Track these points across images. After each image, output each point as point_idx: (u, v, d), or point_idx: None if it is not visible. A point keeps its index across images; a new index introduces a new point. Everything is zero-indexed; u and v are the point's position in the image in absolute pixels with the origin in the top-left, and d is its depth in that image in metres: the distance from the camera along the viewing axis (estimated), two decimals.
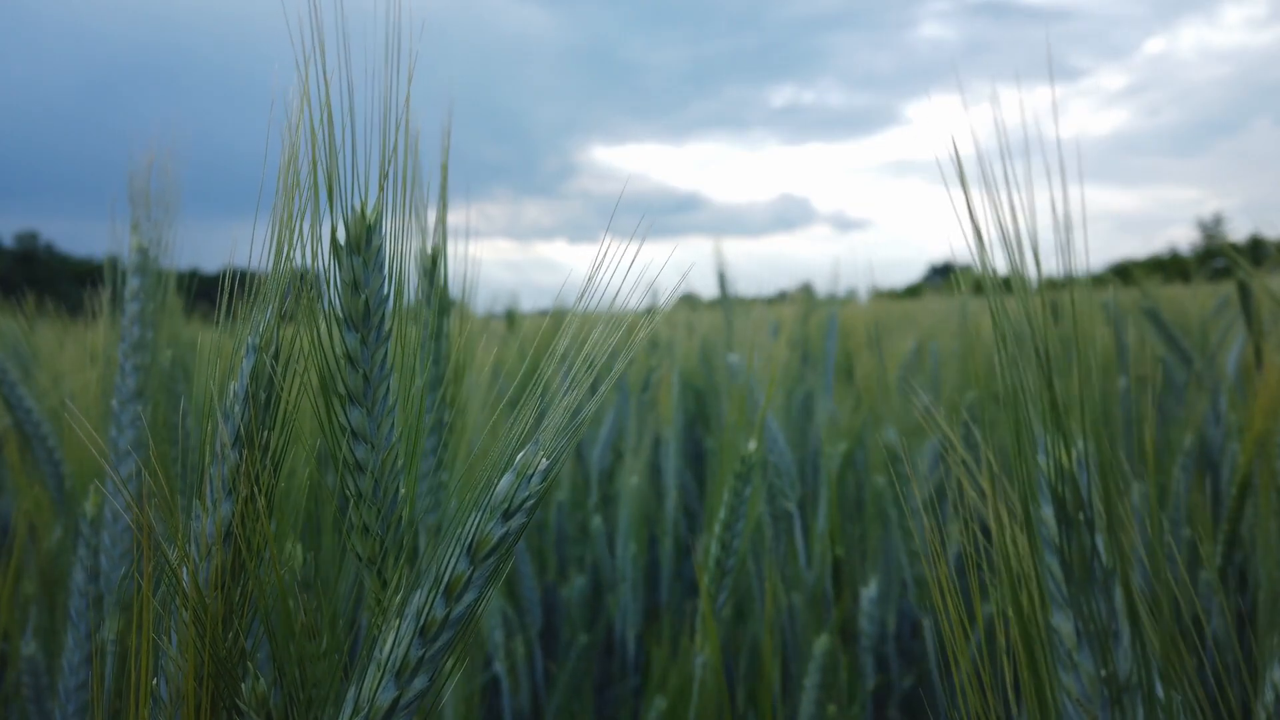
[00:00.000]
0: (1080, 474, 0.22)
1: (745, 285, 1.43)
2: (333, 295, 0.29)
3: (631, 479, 1.08)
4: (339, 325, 0.29)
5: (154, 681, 0.32)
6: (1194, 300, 1.63)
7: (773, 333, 1.60)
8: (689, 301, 2.34)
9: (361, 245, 0.29)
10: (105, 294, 0.58)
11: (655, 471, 1.25)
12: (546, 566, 1.24)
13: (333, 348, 0.29)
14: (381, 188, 0.28)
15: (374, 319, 0.29)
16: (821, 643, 0.67)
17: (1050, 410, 0.22)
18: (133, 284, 0.57)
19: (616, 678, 1.18)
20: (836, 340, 1.30)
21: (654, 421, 1.25)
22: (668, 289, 0.30)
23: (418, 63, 0.27)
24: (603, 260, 0.30)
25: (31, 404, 0.79)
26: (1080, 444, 0.22)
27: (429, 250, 0.39)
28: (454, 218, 0.39)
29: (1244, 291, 1.00)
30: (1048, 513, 0.23)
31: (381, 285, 0.29)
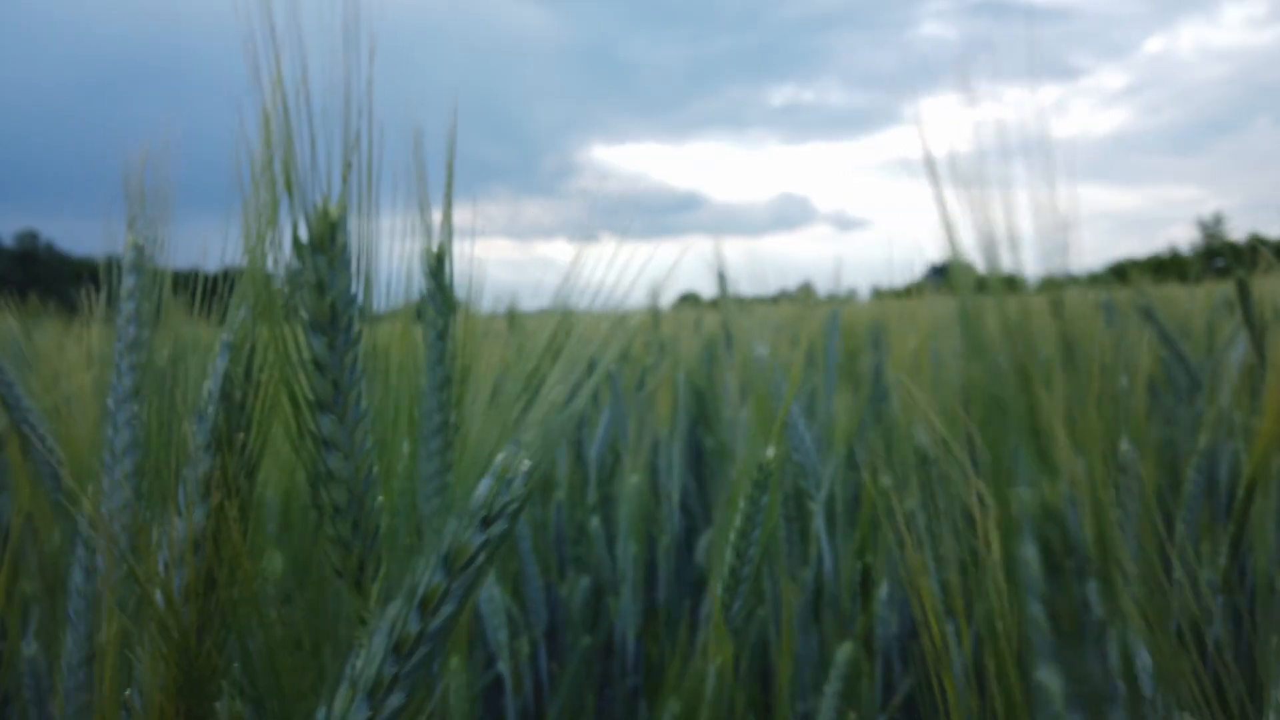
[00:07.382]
0: (1070, 513, 0.20)
1: (746, 285, 1.41)
2: (298, 297, 0.27)
3: (632, 478, 1.07)
4: (304, 329, 0.27)
5: (127, 692, 0.31)
6: (1193, 299, 1.61)
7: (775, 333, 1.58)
8: (691, 301, 2.33)
9: (325, 243, 0.27)
10: (101, 293, 0.57)
11: (655, 471, 1.24)
12: (549, 566, 1.23)
13: (299, 352, 0.27)
14: (345, 181, 0.26)
15: (341, 321, 0.28)
16: (845, 650, 0.65)
17: (1032, 436, 0.20)
18: (128, 282, 0.56)
19: (616, 678, 1.17)
20: (839, 339, 1.28)
21: (653, 421, 1.24)
22: (667, 288, 0.29)
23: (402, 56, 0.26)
24: (602, 260, 0.29)
25: (29, 403, 0.79)
26: (1069, 476, 0.20)
27: (434, 248, 0.37)
28: (457, 216, 0.37)
29: (1243, 291, 0.97)
30: (1031, 554, 0.21)
31: (349, 285, 0.28)
